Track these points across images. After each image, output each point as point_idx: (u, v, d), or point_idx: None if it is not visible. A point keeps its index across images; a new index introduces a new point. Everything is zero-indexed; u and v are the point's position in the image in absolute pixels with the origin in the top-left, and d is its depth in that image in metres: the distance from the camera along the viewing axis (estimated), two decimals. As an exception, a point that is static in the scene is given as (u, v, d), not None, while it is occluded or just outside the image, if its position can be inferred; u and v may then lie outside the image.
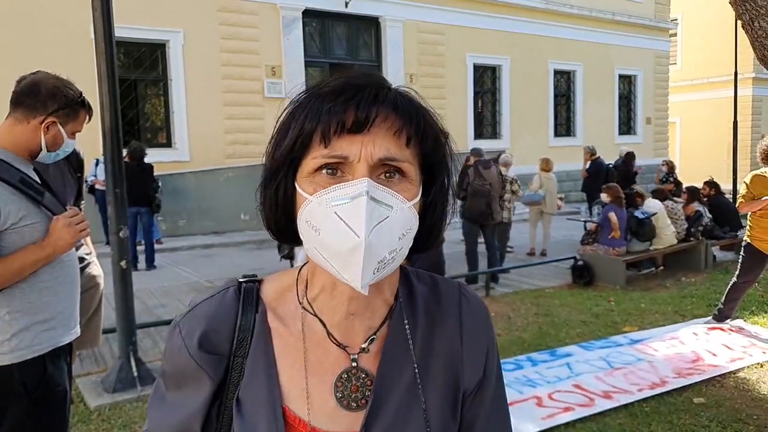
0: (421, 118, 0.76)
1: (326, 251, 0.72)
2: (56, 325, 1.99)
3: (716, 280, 7.40)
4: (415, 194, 0.75)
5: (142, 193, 8.15)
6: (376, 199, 0.70)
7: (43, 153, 2.01)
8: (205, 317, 0.82)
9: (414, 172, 0.75)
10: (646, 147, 18.90)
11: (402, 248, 0.74)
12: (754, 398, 4.05)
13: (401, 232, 0.72)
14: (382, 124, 0.72)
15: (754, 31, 3.05)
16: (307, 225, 0.73)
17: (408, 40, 14.48)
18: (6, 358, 1.85)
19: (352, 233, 0.69)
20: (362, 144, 0.71)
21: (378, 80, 0.76)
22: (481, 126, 16.44)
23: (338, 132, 0.71)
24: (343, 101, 0.71)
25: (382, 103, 0.73)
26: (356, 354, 0.81)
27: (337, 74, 0.77)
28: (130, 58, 11.66)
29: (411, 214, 0.74)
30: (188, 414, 0.81)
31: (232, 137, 12.06)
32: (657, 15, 19.80)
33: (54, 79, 2.03)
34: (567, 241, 9.99)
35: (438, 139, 0.79)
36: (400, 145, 0.73)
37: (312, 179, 0.73)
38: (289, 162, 0.75)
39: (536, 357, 4.78)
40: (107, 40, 4.03)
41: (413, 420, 0.80)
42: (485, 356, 0.87)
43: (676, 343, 5.11)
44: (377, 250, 0.70)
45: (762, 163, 5.18)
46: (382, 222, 0.70)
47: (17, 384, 1.88)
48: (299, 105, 0.76)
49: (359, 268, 0.69)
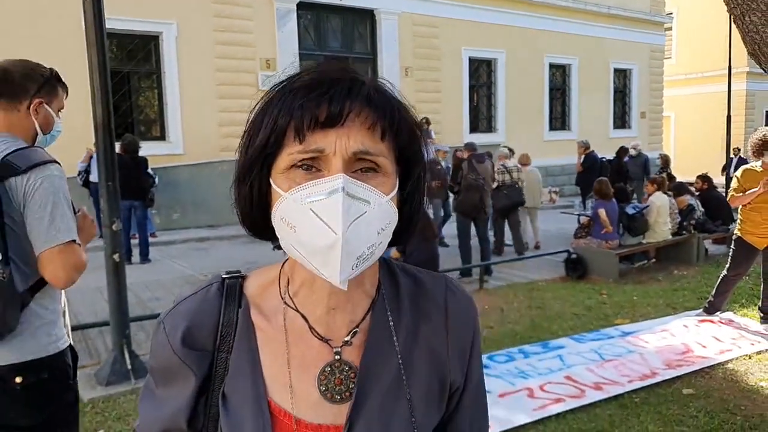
0: (396, 112, 0.75)
1: (303, 248, 0.72)
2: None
3: (708, 274, 7.45)
4: (392, 187, 0.75)
5: (136, 187, 8.12)
6: (352, 194, 0.69)
7: (40, 137, 1.95)
8: (189, 313, 0.82)
9: (390, 166, 0.75)
10: (641, 141, 18.89)
11: (381, 242, 0.74)
12: (742, 389, 4.10)
13: (380, 227, 0.72)
14: (356, 118, 0.72)
15: (745, 26, 3.07)
16: (282, 222, 0.73)
17: (403, 33, 14.44)
18: (61, 344, 1.86)
19: (329, 230, 0.68)
20: (337, 137, 0.71)
21: (351, 74, 0.75)
22: (476, 119, 16.45)
23: (312, 127, 0.70)
24: (316, 96, 0.71)
25: (356, 97, 0.72)
26: (339, 347, 0.81)
27: (310, 67, 0.76)
28: (122, 51, 11.59)
29: (389, 207, 0.73)
30: (175, 409, 0.82)
31: (226, 130, 12.02)
32: (652, 9, 19.81)
33: (20, 62, 1.95)
34: (560, 235, 10.03)
35: (413, 132, 0.78)
36: (375, 138, 0.73)
37: (287, 176, 0.73)
38: (263, 158, 0.75)
39: (528, 349, 4.81)
40: (98, 29, 4.00)
41: (398, 412, 0.80)
42: (470, 350, 0.88)
43: (666, 335, 5.16)
44: (355, 247, 0.69)
45: (753, 157, 5.21)
46: (360, 218, 0.70)
47: (69, 368, 1.89)
48: (271, 100, 0.75)
49: (337, 265, 0.69)
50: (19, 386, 1.75)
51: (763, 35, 2.99)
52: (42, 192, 1.73)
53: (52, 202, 1.74)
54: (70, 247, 1.75)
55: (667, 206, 7.91)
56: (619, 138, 17.50)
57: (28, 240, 1.74)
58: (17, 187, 1.72)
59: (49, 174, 1.76)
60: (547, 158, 15.83)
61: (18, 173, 1.72)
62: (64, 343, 1.88)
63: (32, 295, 1.78)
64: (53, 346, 1.83)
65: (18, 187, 1.72)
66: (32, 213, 1.72)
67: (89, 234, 2.04)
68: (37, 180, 1.73)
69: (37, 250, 1.73)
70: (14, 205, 1.72)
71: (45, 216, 1.72)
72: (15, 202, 1.71)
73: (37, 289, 1.78)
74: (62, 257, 1.73)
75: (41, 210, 1.72)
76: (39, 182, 1.73)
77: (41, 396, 1.80)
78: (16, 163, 1.74)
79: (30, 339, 1.78)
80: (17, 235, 1.72)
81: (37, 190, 1.73)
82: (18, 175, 1.72)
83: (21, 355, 1.75)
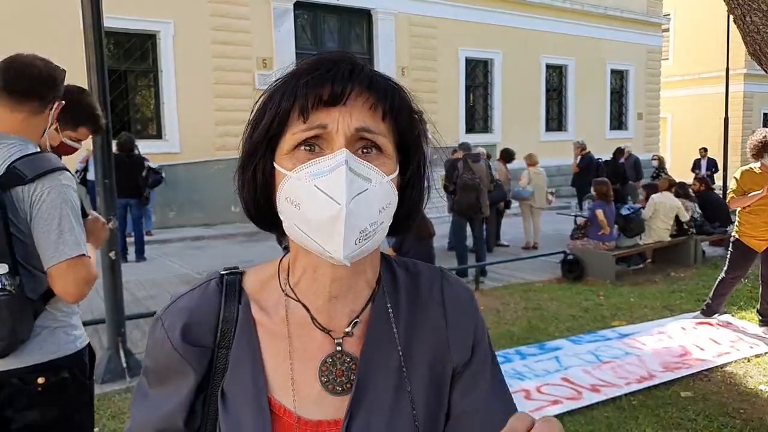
0: (396, 95, 0.77)
1: (307, 225, 0.72)
2: None
3: (705, 276, 7.44)
4: (393, 169, 0.76)
5: (132, 185, 8.09)
6: (354, 170, 0.70)
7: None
8: (188, 310, 0.81)
9: (390, 147, 0.76)
10: (638, 142, 18.97)
11: (383, 222, 0.74)
12: (741, 392, 4.09)
13: (381, 206, 0.73)
14: (357, 98, 0.73)
15: (746, 26, 3.05)
16: (287, 201, 0.73)
17: (400, 33, 14.44)
18: (79, 343, 1.87)
19: (333, 201, 0.69)
20: (339, 114, 0.72)
21: (351, 58, 0.77)
22: (472, 120, 16.46)
23: (315, 105, 0.72)
24: (319, 75, 0.72)
25: (358, 78, 0.74)
26: (340, 338, 0.81)
27: (311, 56, 0.77)
28: (120, 49, 11.56)
29: (389, 187, 0.74)
30: (172, 408, 0.80)
31: (222, 129, 12.00)
32: (649, 10, 19.86)
33: (43, 60, 1.87)
34: (557, 236, 10.03)
35: (412, 116, 0.79)
36: (376, 118, 0.74)
37: (291, 157, 0.73)
38: (267, 142, 0.75)
39: (525, 350, 4.79)
40: (96, 27, 4.00)
41: (399, 403, 0.79)
42: (472, 337, 0.86)
43: (664, 338, 5.14)
44: (358, 220, 0.70)
45: (752, 159, 5.20)
46: (362, 194, 0.70)
47: (86, 367, 1.90)
48: (275, 89, 0.76)
49: (341, 238, 0.69)
50: (41, 386, 1.74)
51: (764, 35, 2.97)
52: (49, 204, 1.68)
53: (59, 216, 1.69)
54: (79, 261, 1.71)
55: (668, 206, 7.88)
56: (616, 139, 17.53)
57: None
58: (23, 197, 1.67)
59: (57, 183, 1.71)
60: (544, 159, 15.79)
61: (24, 182, 1.67)
62: (83, 342, 1.88)
63: (46, 301, 1.76)
64: (72, 345, 1.82)
65: (24, 197, 1.67)
66: (39, 226, 1.68)
67: (99, 237, 2.04)
68: (44, 190, 1.68)
69: (46, 265, 1.69)
70: (21, 215, 1.67)
71: (52, 230, 1.68)
72: (21, 211, 1.67)
73: (50, 295, 1.75)
74: (72, 272, 1.69)
75: (48, 223, 1.68)
76: (46, 192, 1.68)
77: (61, 395, 1.79)
78: (23, 171, 1.67)
79: (50, 339, 1.77)
80: (26, 245, 1.69)
81: (44, 202, 1.67)
82: (24, 185, 1.67)
83: (42, 356, 1.74)
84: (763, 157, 5.04)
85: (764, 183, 4.98)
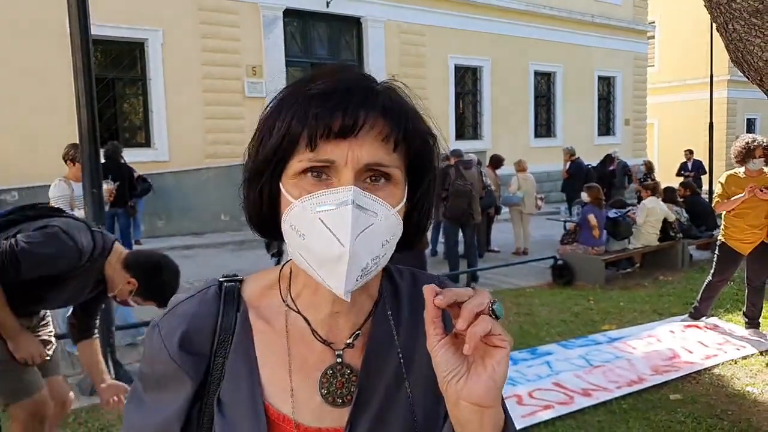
0: (409, 123, 0.75)
1: (311, 257, 0.72)
2: None
3: (693, 279, 7.50)
4: (401, 199, 0.75)
5: (119, 195, 8.02)
6: (361, 206, 0.69)
7: None
8: (186, 317, 0.81)
9: (400, 175, 0.75)
10: (625, 148, 19.11)
11: (385, 254, 0.74)
12: (728, 394, 4.13)
13: (385, 239, 0.72)
14: (370, 130, 0.72)
15: (728, 34, 3.09)
16: (292, 229, 0.73)
17: (389, 40, 14.48)
18: None
19: (337, 242, 0.68)
20: (349, 148, 0.70)
21: (367, 82, 0.76)
22: (462, 127, 16.51)
23: (325, 136, 0.70)
24: (331, 106, 0.70)
25: (371, 108, 0.72)
26: (341, 350, 0.81)
27: (326, 72, 0.75)
28: (107, 57, 11.50)
29: (395, 220, 0.74)
30: (168, 416, 0.79)
31: (212, 137, 11.96)
32: (635, 17, 20.06)
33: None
34: (547, 241, 10.08)
35: (426, 141, 0.78)
36: (388, 150, 0.73)
37: (297, 182, 0.73)
38: (275, 163, 0.74)
39: (517, 356, 4.81)
40: (83, 33, 3.95)
41: (400, 414, 0.79)
42: None
43: (653, 341, 5.18)
44: (361, 259, 0.70)
45: (737, 164, 5.27)
46: (367, 229, 0.70)
47: None
48: (284, 102, 0.75)
49: (343, 278, 0.69)
50: None
51: (747, 43, 3.02)
52: None
53: None
54: None
55: (659, 211, 7.96)
56: (604, 145, 17.65)
57: None
58: None
59: None
60: (533, 165, 15.86)
61: None
62: None
63: None
64: None
65: None
66: None
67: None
68: None
69: None
70: None
71: None
72: None
73: None
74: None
75: None
76: None
77: None
78: None
79: None
80: None
81: None
82: None
83: None
84: (747, 162, 5.11)
85: (749, 187, 5.05)
